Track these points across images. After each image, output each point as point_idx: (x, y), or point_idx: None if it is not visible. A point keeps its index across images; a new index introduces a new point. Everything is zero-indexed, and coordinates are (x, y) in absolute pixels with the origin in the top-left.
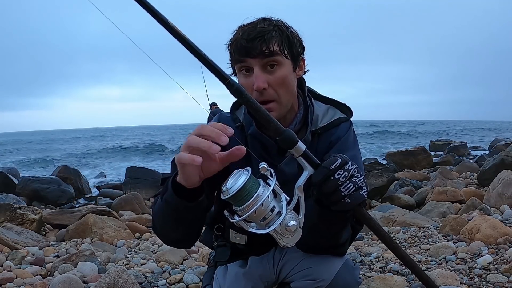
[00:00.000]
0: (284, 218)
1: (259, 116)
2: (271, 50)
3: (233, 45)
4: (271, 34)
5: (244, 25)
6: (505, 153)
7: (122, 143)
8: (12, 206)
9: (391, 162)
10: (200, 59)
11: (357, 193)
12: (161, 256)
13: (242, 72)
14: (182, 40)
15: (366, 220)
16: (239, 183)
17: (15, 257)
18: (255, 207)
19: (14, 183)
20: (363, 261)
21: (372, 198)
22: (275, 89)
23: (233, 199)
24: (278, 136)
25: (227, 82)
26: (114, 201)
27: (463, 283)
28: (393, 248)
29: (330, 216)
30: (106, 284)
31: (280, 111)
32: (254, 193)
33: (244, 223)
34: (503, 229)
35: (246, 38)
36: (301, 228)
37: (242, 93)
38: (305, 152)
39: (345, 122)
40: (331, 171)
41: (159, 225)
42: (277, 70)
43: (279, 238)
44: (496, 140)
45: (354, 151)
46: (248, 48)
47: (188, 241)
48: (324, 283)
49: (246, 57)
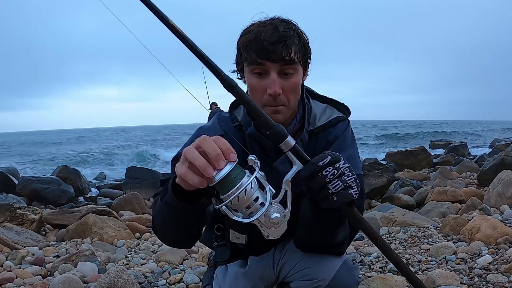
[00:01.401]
0: (268, 210)
1: (250, 110)
2: (291, 58)
3: (251, 44)
4: (292, 40)
5: (261, 24)
6: (505, 153)
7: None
8: (12, 206)
9: (391, 162)
10: (195, 54)
11: (346, 191)
12: (161, 256)
13: (255, 73)
14: (178, 34)
15: (356, 220)
16: (223, 171)
17: (15, 257)
18: (236, 193)
19: (14, 183)
20: (363, 261)
21: (372, 198)
22: (287, 95)
23: (219, 186)
24: (268, 130)
25: (221, 77)
26: (114, 201)
27: (463, 283)
28: (386, 252)
29: (323, 214)
30: (106, 284)
31: (286, 114)
32: (238, 182)
33: (229, 211)
34: (503, 229)
35: (268, 40)
36: (286, 222)
37: (234, 87)
38: (294, 147)
39: (342, 122)
40: (319, 168)
41: (159, 227)
42: (291, 77)
43: (262, 228)
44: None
45: (352, 151)
46: (270, 51)
47: (189, 241)
48: (323, 283)
49: (266, 60)
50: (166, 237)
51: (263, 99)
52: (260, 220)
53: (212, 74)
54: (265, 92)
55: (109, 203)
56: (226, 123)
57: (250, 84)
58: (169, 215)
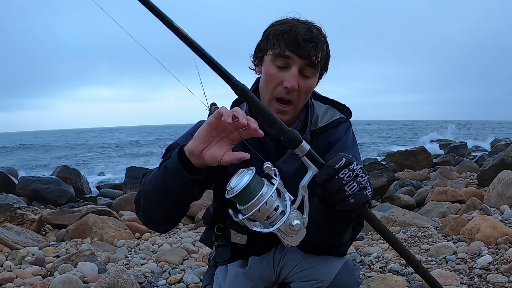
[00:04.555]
0: (288, 217)
1: (263, 116)
2: (317, 60)
3: (285, 34)
4: (322, 45)
5: (298, 20)
6: (505, 153)
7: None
8: (12, 206)
9: (391, 162)
10: (205, 60)
11: (361, 192)
12: (161, 256)
13: (277, 62)
14: (188, 41)
15: (370, 220)
16: (243, 182)
17: (15, 257)
18: (259, 205)
19: (14, 183)
20: (363, 261)
21: (372, 198)
22: (299, 94)
23: (237, 198)
24: (282, 136)
25: (232, 83)
26: (114, 201)
27: (463, 283)
28: (397, 248)
29: (335, 215)
30: (106, 284)
31: (292, 114)
32: (258, 192)
33: (248, 222)
34: (503, 229)
35: (303, 36)
36: (304, 228)
37: (246, 93)
38: (309, 151)
39: (344, 123)
40: (335, 170)
41: (145, 196)
42: (309, 79)
43: (283, 237)
44: (496, 140)
45: (353, 152)
46: (302, 46)
47: (165, 224)
48: (324, 283)
49: (293, 53)
50: (146, 210)
51: (276, 90)
52: (280, 229)
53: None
54: (280, 84)
55: (109, 203)
56: None
57: (268, 73)
58: (163, 182)
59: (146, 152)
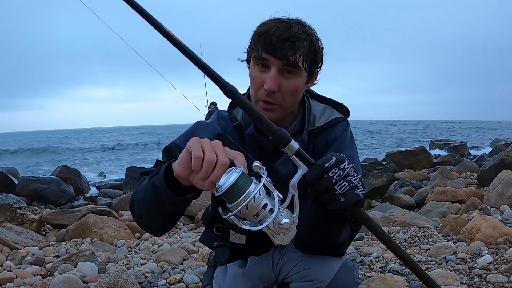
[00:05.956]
0: (277, 216)
1: (252, 116)
2: (295, 60)
3: (261, 37)
4: (301, 43)
5: (278, 20)
6: (505, 153)
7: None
8: (12, 206)
9: (391, 162)
10: (194, 62)
11: (352, 192)
12: (161, 256)
13: (258, 65)
14: (178, 45)
15: (364, 220)
16: (230, 180)
17: (15, 257)
18: (245, 202)
19: (14, 183)
20: (363, 261)
21: (372, 198)
22: (283, 95)
23: (225, 195)
24: (271, 135)
25: (220, 84)
26: (114, 201)
27: (463, 283)
28: (393, 248)
29: (328, 215)
30: (106, 284)
31: (279, 114)
32: (246, 190)
33: (238, 220)
34: (503, 229)
35: (278, 36)
36: (295, 227)
37: (234, 94)
38: (298, 150)
39: (342, 122)
40: (325, 169)
41: (138, 205)
42: (292, 78)
43: (272, 235)
44: (496, 140)
45: (351, 151)
46: (276, 48)
47: (159, 230)
48: (322, 284)
49: (270, 55)
50: (140, 217)
51: (259, 92)
52: (269, 227)
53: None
54: (262, 86)
55: (109, 203)
56: (225, 122)
57: (251, 76)
58: (152, 198)
59: (146, 152)
